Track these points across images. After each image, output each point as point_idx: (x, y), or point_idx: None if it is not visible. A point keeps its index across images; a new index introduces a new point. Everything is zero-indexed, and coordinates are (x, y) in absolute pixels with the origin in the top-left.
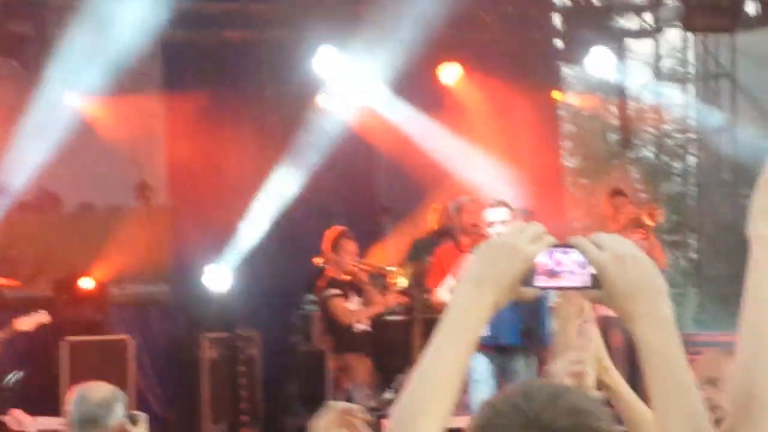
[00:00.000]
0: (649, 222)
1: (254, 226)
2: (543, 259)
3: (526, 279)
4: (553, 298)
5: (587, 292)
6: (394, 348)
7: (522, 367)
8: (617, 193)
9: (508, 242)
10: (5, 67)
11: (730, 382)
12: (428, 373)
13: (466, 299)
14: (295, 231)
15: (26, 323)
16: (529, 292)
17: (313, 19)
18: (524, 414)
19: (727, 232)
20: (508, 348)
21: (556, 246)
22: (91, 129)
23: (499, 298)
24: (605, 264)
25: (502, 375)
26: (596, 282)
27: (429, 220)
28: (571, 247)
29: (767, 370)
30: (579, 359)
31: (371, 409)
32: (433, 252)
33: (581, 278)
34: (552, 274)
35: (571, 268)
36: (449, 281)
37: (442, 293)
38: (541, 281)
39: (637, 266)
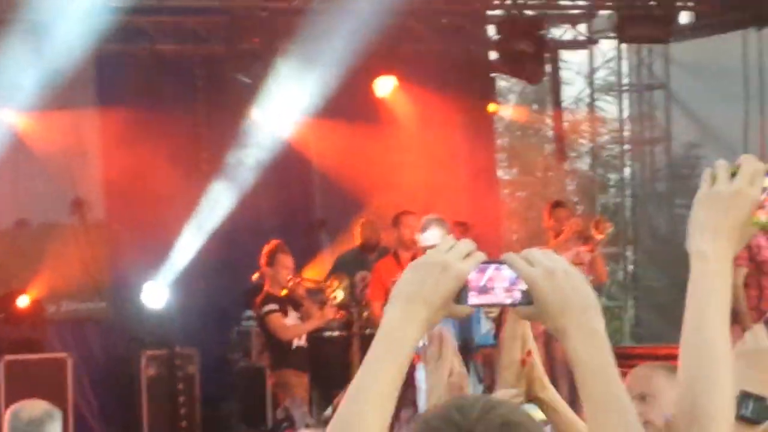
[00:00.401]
0: (596, 234)
1: (191, 241)
2: (475, 276)
3: (459, 296)
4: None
5: (519, 308)
6: (332, 364)
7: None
8: (558, 205)
9: (439, 259)
10: None
11: (677, 396)
12: (362, 391)
13: (398, 317)
14: (231, 246)
15: None
16: (461, 309)
17: (247, 33)
18: (458, 427)
19: (663, 243)
20: None
21: (487, 262)
22: (24, 145)
23: (431, 315)
24: (536, 279)
25: None
26: (528, 298)
27: (354, 236)
28: (502, 263)
29: (712, 384)
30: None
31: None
32: (360, 266)
33: (513, 294)
34: (484, 290)
35: (502, 284)
36: None
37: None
38: (473, 298)
39: (568, 281)
